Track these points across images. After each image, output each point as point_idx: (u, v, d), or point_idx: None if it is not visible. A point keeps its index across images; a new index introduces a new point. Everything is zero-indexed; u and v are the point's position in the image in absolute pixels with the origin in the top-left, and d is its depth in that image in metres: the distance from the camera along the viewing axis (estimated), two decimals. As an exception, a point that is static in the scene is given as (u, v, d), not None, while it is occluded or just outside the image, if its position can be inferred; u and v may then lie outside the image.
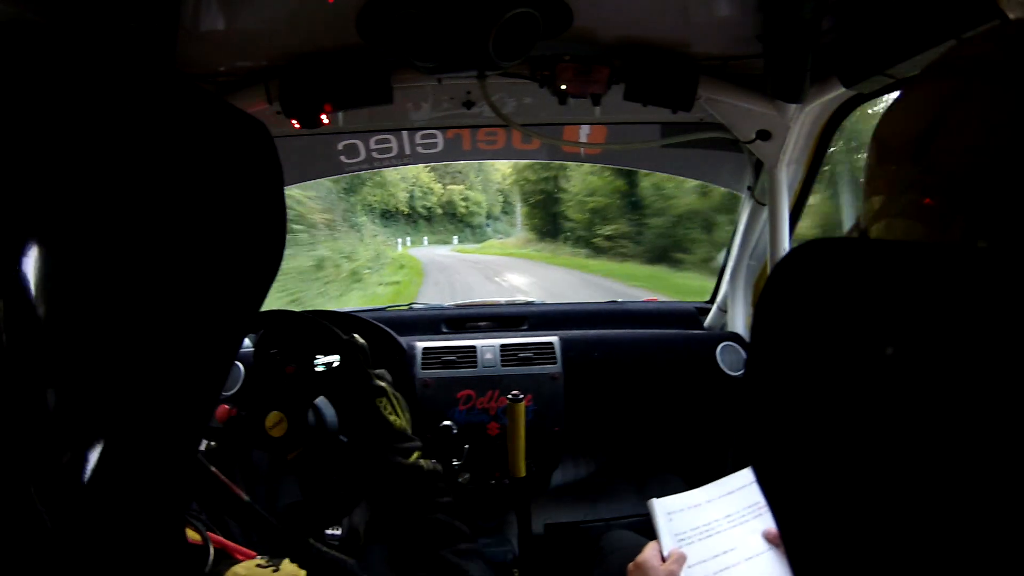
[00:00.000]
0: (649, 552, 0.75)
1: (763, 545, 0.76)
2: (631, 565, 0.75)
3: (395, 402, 0.96)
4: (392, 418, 0.93)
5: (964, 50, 0.32)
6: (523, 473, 1.15)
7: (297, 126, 1.02)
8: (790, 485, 0.26)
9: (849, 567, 0.24)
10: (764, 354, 0.27)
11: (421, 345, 1.35)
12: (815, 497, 0.25)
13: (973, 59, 0.31)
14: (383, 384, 0.98)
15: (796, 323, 0.26)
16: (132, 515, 0.29)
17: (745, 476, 0.84)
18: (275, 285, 0.36)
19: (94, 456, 0.26)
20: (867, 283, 0.24)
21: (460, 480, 1.24)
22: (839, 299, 0.24)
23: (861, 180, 0.37)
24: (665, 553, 0.76)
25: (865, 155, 0.37)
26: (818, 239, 0.27)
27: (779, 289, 0.27)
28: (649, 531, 0.81)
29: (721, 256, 1.56)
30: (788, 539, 0.27)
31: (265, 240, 0.33)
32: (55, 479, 0.26)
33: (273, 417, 1.09)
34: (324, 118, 1.02)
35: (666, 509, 0.83)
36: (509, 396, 1.12)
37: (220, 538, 0.53)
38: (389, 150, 1.38)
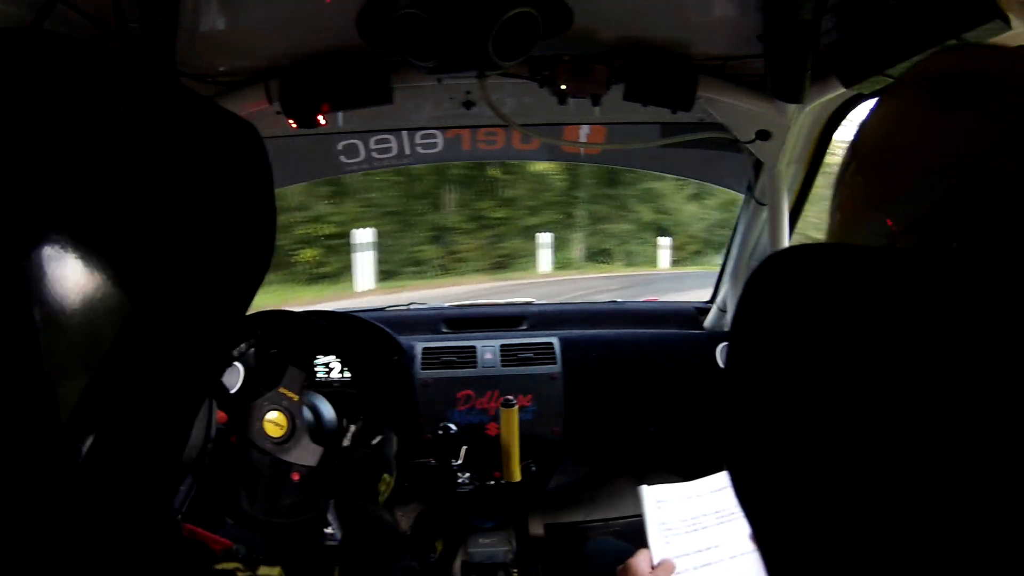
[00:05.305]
0: (639, 558, 0.76)
1: (748, 546, 0.76)
2: (620, 568, 0.76)
3: (392, 479, 1.00)
4: (382, 496, 0.96)
5: (928, 64, 0.33)
6: (518, 478, 1.15)
7: (296, 126, 1.02)
8: (762, 491, 0.26)
9: (818, 569, 0.24)
10: (740, 359, 0.28)
11: (421, 345, 1.35)
12: (787, 503, 0.25)
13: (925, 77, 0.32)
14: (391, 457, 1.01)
15: (772, 330, 0.26)
16: (123, 509, 0.29)
17: None
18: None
19: (84, 452, 0.26)
20: (842, 289, 0.24)
21: (460, 480, 1.24)
22: (815, 306, 0.24)
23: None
24: (655, 561, 0.76)
25: None
26: (796, 246, 0.27)
27: (756, 297, 0.27)
28: (639, 538, 0.81)
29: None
30: (760, 543, 0.27)
31: (254, 242, 0.33)
32: (48, 475, 0.26)
33: (272, 417, 1.09)
34: (323, 118, 1.02)
35: (656, 498, 0.83)
36: (504, 399, 1.12)
37: (194, 527, 0.54)
38: (389, 150, 1.38)
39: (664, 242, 9.35)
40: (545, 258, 8.32)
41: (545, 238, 8.31)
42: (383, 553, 0.77)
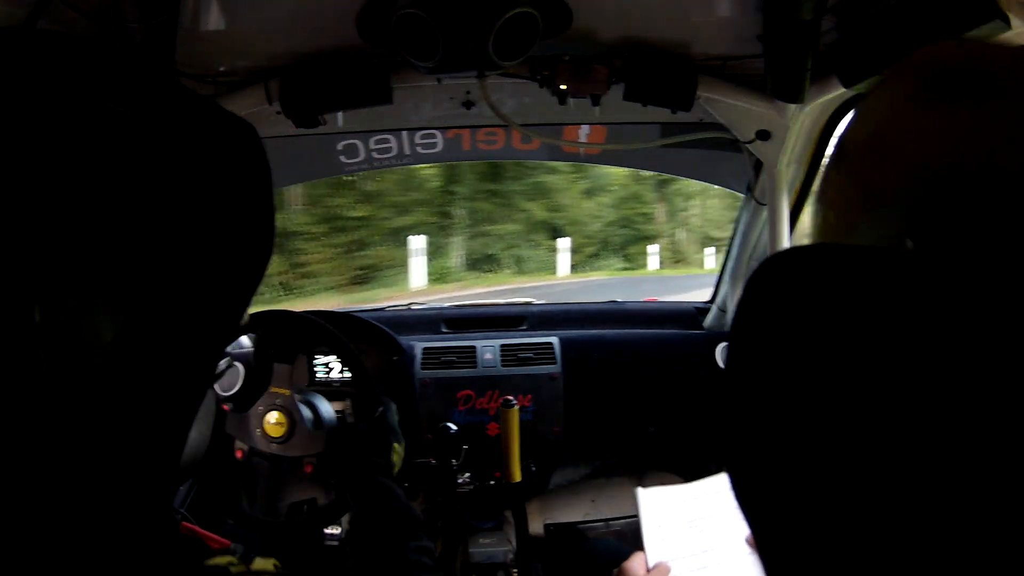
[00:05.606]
0: (635, 561, 0.76)
1: (743, 548, 0.76)
2: (615, 571, 0.76)
3: (402, 448, 1.01)
4: (396, 467, 0.96)
5: (919, 57, 0.32)
6: (518, 478, 1.15)
7: (296, 126, 1.02)
8: (761, 492, 0.26)
9: (817, 571, 0.24)
10: (740, 360, 0.27)
11: (421, 345, 1.35)
12: (787, 504, 0.25)
13: (925, 66, 0.31)
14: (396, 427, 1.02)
15: (772, 331, 0.26)
16: (121, 509, 0.29)
17: None
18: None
19: (84, 451, 0.26)
20: (842, 290, 0.24)
21: (460, 480, 1.24)
22: (815, 307, 0.24)
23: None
24: (651, 563, 0.76)
25: None
26: (796, 247, 0.27)
27: (756, 297, 0.27)
28: (639, 538, 0.81)
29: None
30: (759, 544, 0.27)
31: (253, 242, 0.33)
32: (47, 474, 0.26)
33: (272, 416, 1.09)
34: (323, 118, 1.03)
35: (652, 500, 0.83)
36: (504, 400, 1.12)
37: (193, 526, 0.54)
38: (389, 150, 1.38)
39: (563, 244, 7.91)
40: (418, 268, 6.64)
41: (417, 242, 6.59)
42: (396, 532, 0.76)
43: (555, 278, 7.68)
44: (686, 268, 10.18)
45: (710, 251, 11.18)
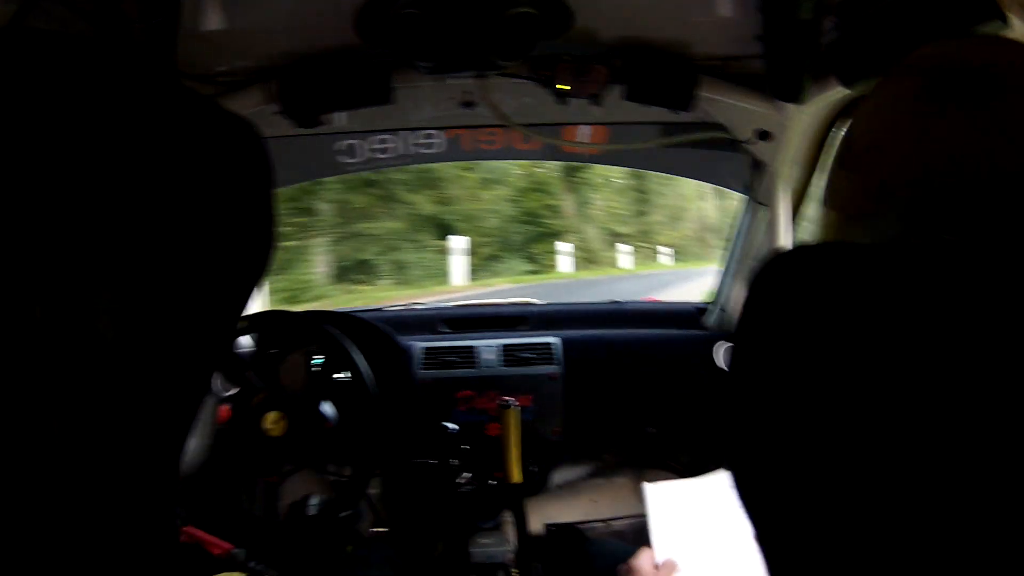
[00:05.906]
0: (642, 557, 0.75)
1: (751, 544, 0.75)
2: (623, 567, 0.75)
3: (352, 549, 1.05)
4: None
5: (922, 56, 0.32)
6: (518, 478, 1.15)
7: (296, 126, 1.02)
8: (767, 491, 0.26)
9: (820, 570, 0.24)
10: (746, 361, 0.27)
11: (421, 345, 1.35)
12: (793, 503, 0.25)
13: (931, 65, 0.31)
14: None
15: (778, 331, 0.26)
16: (122, 514, 0.29)
17: None
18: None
19: (86, 450, 0.26)
20: (847, 290, 0.24)
21: (459, 480, 1.24)
22: (820, 307, 0.24)
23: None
24: (658, 560, 0.76)
25: None
26: (799, 246, 0.27)
27: (761, 298, 0.27)
28: (639, 538, 0.80)
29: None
30: (762, 543, 0.27)
31: (254, 241, 0.33)
32: (45, 478, 0.26)
33: (272, 417, 1.09)
34: (323, 118, 1.03)
35: (660, 495, 0.82)
36: (500, 402, 1.12)
37: (194, 531, 0.54)
38: (389, 150, 1.38)
39: (457, 244, 6.54)
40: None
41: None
42: None
43: (449, 289, 6.17)
44: (599, 269, 8.98)
45: (626, 248, 9.73)
